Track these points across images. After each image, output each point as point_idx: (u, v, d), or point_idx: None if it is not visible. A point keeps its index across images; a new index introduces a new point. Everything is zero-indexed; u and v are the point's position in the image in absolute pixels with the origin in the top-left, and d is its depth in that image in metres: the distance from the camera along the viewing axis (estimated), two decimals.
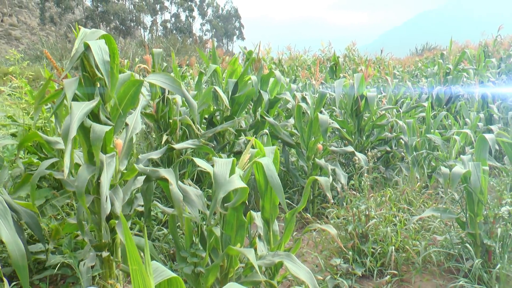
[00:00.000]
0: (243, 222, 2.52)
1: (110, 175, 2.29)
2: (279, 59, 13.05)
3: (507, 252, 3.32)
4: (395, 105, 6.28)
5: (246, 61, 5.70)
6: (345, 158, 5.34)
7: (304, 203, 2.80)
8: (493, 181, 4.75)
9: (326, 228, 2.67)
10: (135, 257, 1.15)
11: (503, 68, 10.43)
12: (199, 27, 73.03)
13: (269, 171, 2.41)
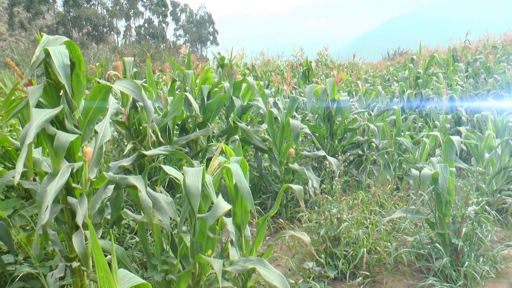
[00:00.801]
0: (214, 229, 2.52)
1: (60, 185, 2.21)
2: (252, 64, 13.09)
3: (474, 250, 3.41)
4: (367, 109, 6.37)
5: (219, 67, 5.71)
6: (318, 162, 5.39)
7: (276, 209, 2.82)
8: (460, 182, 4.87)
9: (299, 236, 2.69)
10: (102, 264, 1.15)
11: (471, 72, 10.70)
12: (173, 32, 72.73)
13: (237, 177, 2.41)
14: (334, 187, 3.78)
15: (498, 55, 12.47)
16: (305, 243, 2.65)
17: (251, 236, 2.90)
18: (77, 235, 2.42)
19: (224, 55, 6.20)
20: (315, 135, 5.39)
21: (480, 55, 12.42)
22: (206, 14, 75.97)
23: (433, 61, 9.37)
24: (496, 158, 4.72)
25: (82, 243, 2.38)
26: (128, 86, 2.56)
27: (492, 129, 5.12)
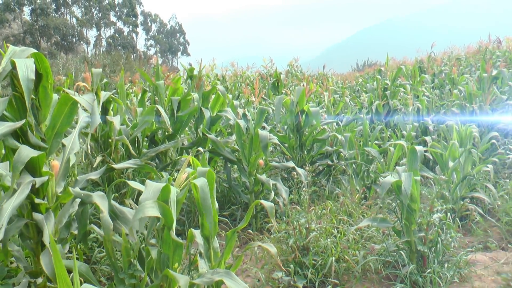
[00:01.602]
0: (180, 243, 2.52)
1: (18, 202, 2.14)
2: (223, 75, 13.13)
3: (439, 256, 3.51)
4: (335, 120, 6.48)
5: (188, 78, 5.72)
6: (287, 173, 5.44)
7: (246, 223, 2.83)
8: (425, 190, 5.00)
9: (266, 247, 2.71)
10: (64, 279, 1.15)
11: (436, 83, 11.01)
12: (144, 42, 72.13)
13: (203, 193, 2.43)
14: (302, 197, 3.83)
15: (461, 67, 12.88)
16: (273, 256, 2.68)
17: (220, 248, 2.91)
18: (45, 255, 2.38)
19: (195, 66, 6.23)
20: (284, 145, 5.45)
21: (445, 67, 12.80)
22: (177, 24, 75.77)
23: (400, 73, 9.60)
24: (460, 167, 4.86)
25: (51, 263, 2.34)
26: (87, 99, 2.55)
27: (456, 139, 5.27)
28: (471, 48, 16.09)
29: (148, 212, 2.16)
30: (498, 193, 5.01)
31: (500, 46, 14.49)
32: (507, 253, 4.09)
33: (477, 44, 15.40)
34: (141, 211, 2.16)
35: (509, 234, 4.49)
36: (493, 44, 14.49)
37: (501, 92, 8.34)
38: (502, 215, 4.67)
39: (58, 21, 51.86)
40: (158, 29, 72.79)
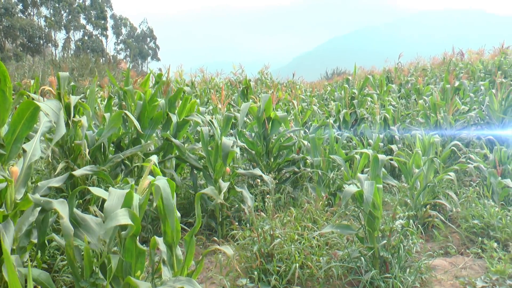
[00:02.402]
0: (143, 250, 2.50)
1: None
2: (192, 81, 13.09)
3: (401, 262, 3.59)
4: (302, 127, 6.54)
5: (156, 84, 5.69)
6: (253, 180, 5.47)
7: (199, 222, 2.84)
8: (388, 197, 5.12)
9: (223, 249, 2.73)
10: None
11: (403, 93, 11.26)
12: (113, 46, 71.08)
13: (165, 194, 2.42)
14: (267, 204, 3.86)
15: (427, 77, 13.22)
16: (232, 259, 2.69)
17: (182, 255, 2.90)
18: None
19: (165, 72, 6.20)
20: (251, 152, 5.47)
21: (411, 77, 13.11)
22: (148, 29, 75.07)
23: (367, 82, 9.78)
24: (423, 175, 4.98)
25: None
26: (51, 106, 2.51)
27: (420, 148, 5.40)
28: (436, 59, 16.55)
29: (121, 221, 2.15)
30: (459, 200, 5.16)
31: (463, 58, 14.95)
32: (466, 258, 4.22)
33: (442, 55, 15.84)
34: (114, 219, 2.14)
35: (468, 240, 4.62)
36: (456, 56, 14.94)
37: (463, 103, 8.61)
38: (462, 221, 4.81)
39: (24, 22, 50.59)
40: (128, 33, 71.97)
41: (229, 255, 2.75)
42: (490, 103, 7.26)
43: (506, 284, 3.55)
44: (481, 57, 14.52)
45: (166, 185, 2.47)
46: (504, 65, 12.35)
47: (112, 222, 2.13)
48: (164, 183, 2.47)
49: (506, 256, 3.84)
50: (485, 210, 4.75)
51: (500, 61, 12.66)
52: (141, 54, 71.95)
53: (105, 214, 2.21)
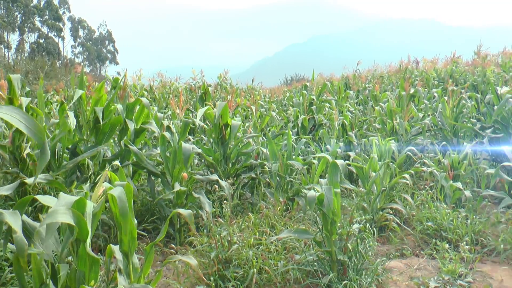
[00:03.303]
0: (96, 258, 2.44)
1: None
2: (150, 86, 12.93)
3: (358, 265, 3.65)
4: (259, 133, 6.57)
5: (112, 88, 5.58)
6: (212, 185, 5.44)
7: (163, 234, 2.80)
8: (345, 202, 5.20)
9: (186, 260, 2.70)
10: None
11: (360, 99, 11.49)
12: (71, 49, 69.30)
13: (121, 202, 2.37)
14: (225, 210, 3.84)
15: (384, 84, 13.54)
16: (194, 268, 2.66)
17: (141, 263, 2.85)
18: None
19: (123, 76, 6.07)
20: (209, 158, 5.45)
21: (369, 84, 13.40)
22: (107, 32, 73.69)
23: (325, 88, 9.92)
24: (379, 179, 5.08)
25: None
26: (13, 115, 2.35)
27: (377, 153, 5.51)
28: (393, 67, 17.00)
29: (60, 218, 2.06)
30: (414, 203, 5.29)
31: (418, 66, 15.41)
32: (420, 259, 4.34)
33: (398, 63, 16.28)
34: (52, 216, 2.05)
35: (423, 241, 4.75)
36: (412, 64, 15.38)
37: (418, 110, 8.86)
38: (416, 224, 4.93)
39: None
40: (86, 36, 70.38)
41: (194, 266, 2.72)
42: (443, 110, 7.49)
43: (457, 284, 3.68)
44: (435, 66, 15.00)
45: (122, 193, 2.41)
46: (456, 73, 12.82)
47: (50, 219, 2.04)
48: (120, 191, 2.42)
49: (456, 257, 3.97)
50: (438, 212, 4.89)
51: (452, 69, 13.13)
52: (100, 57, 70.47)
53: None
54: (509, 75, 9.86)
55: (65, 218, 2.08)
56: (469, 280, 3.77)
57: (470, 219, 4.73)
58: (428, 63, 15.47)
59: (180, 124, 4.94)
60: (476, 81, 11.19)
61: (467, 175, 5.99)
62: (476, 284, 3.76)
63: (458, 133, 7.30)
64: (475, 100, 8.15)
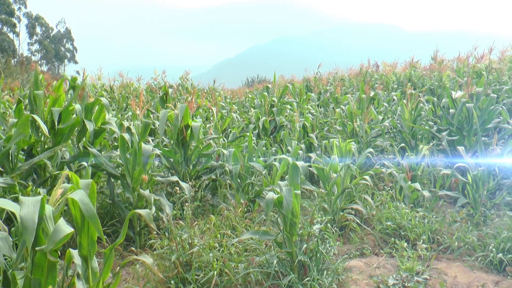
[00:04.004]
0: (54, 262, 2.37)
1: None
2: (110, 86, 12.69)
3: (319, 265, 3.69)
4: (220, 135, 6.55)
5: (71, 88, 5.45)
6: (172, 187, 5.39)
7: (123, 236, 2.75)
8: (306, 203, 5.25)
9: (142, 259, 2.66)
10: None
11: (321, 102, 11.63)
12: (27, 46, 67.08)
13: (84, 205, 2.32)
14: (186, 212, 3.81)
15: (344, 87, 13.75)
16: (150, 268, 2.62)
17: (98, 268, 2.78)
18: None
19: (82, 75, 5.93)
20: (170, 160, 5.39)
21: (330, 86, 13.57)
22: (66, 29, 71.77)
23: (287, 90, 9.98)
24: (340, 180, 5.16)
25: None
26: None
27: (337, 154, 5.58)
28: (353, 70, 17.28)
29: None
30: (374, 203, 5.39)
31: (378, 69, 15.72)
32: (379, 258, 4.43)
33: (358, 66, 16.56)
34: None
35: (382, 240, 4.85)
36: (372, 67, 15.67)
37: (378, 112, 9.03)
38: (376, 223, 5.03)
39: None
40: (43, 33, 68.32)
41: (149, 264, 2.68)
42: (402, 112, 7.67)
43: (414, 280, 3.79)
44: (394, 69, 15.34)
45: (84, 196, 2.35)
46: (414, 77, 13.15)
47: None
48: (81, 194, 2.35)
49: (414, 255, 4.08)
50: (397, 212, 5.00)
51: (410, 73, 13.46)
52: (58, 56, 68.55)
53: (23, 224, 2.07)
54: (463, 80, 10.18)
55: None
56: (425, 277, 3.89)
57: (427, 219, 4.87)
58: (387, 67, 15.80)
59: (140, 125, 4.86)
60: (433, 85, 11.51)
61: (424, 176, 6.16)
62: (432, 281, 3.88)
63: (416, 135, 7.48)
64: (432, 103, 8.38)
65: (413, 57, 14.94)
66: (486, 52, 12.83)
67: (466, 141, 6.48)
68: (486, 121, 6.70)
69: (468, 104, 6.42)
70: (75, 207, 2.56)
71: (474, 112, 6.34)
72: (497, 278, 3.94)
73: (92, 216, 2.32)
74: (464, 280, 3.92)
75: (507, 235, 4.24)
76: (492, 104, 6.86)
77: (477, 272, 4.07)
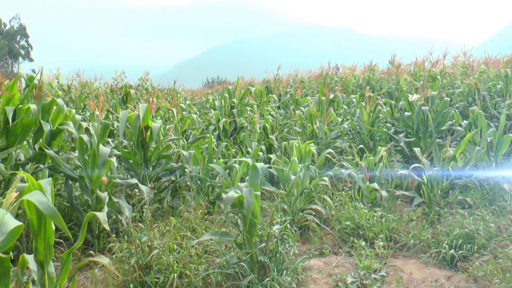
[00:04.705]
0: (7, 268, 2.29)
1: None
2: (68, 85, 12.39)
3: (278, 265, 3.74)
4: (180, 136, 6.51)
5: (27, 87, 5.29)
6: (132, 189, 5.32)
7: (82, 240, 2.70)
8: (265, 204, 5.29)
9: (97, 260, 2.62)
10: None
11: (281, 104, 11.73)
12: None
13: (42, 205, 2.24)
14: (145, 214, 3.78)
15: (304, 89, 13.91)
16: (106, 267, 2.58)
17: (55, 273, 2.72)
18: None
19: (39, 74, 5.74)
20: (129, 161, 5.32)
21: (290, 88, 13.70)
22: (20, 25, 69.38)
23: (248, 92, 10.02)
24: (300, 181, 5.22)
25: None
26: None
27: (297, 156, 5.65)
28: (313, 72, 17.52)
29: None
30: (334, 203, 5.48)
31: (338, 72, 16.00)
32: (338, 257, 4.53)
33: (319, 69, 16.79)
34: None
35: (341, 240, 4.94)
36: (332, 70, 15.93)
37: (337, 114, 9.19)
38: (335, 223, 5.12)
39: None
40: None
41: (105, 264, 2.64)
42: (361, 115, 7.83)
43: (371, 278, 3.90)
44: (353, 72, 15.66)
45: (41, 195, 2.28)
46: (372, 80, 13.47)
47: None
48: (38, 194, 2.27)
49: (372, 253, 4.19)
50: (356, 212, 5.11)
51: (369, 76, 13.78)
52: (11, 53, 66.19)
53: None
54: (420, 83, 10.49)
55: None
56: (382, 274, 4.01)
57: (385, 218, 5.00)
58: (347, 69, 16.11)
59: (99, 126, 4.77)
60: (391, 88, 11.82)
61: (382, 176, 6.31)
62: (389, 278, 4.01)
63: (375, 137, 7.65)
64: (390, 106, 8.60)
65: (371, 61, 15.30)
66: (440, 58, 13.32)
67: (422, 143, 6.68)
68: (440, 124, 6.94)
69: (424, 107, 6.62)
70: (31, 210, 2.49)
71: (429, 114, 6.55)
72: (449, 273, 4.11)
73: (53, 213, 2.25)
74: (419, 276, 4.06)
75: (459, 232, 4.43)
76: (446, 107, 7.10)
77: (431, 268, 4.23)
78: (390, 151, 7.43)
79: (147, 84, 13.49)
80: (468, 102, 9.49)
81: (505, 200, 5.32)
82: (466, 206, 5.34)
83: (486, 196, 5.63)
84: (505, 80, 9.69)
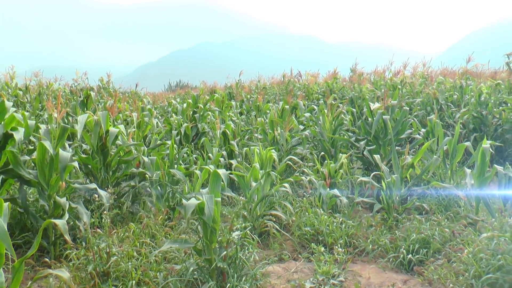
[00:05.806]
0: None
1: None
2: (26, 85, 11.99)
3: (238, 271, 3.75)
4: (140, 141, 6.44)
5: None
6: (90, 195, 5.21)
7: (36, 248, 2.63)
8: (226, 210, 5.29)
9: (58, 273, 2.56)
10: None
11: (243, 109, 11.77)
12: None
13: None
14: (104, 220, 3.71)
15: (266, 95, 13.99)
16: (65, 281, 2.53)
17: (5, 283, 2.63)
18: None
19: None
20: (88, 166, 5.21)
21: (253, 94, 13.77)
22: None
23: (212, 99, 10.03)
24: (260, 187, 5.25)
25: None
26: None
27: (258, 162, 5.68)
28: (275, 79, 17.64)
29: None
30: (294, 210, 5.53)
31: (300, 79, 16.15)
32: (297, 263, 4.58)
33: (281, 75, 16.92)
34: None
35: (301, 246, 4.99)
36: (295, 77, 16.07)
37: (299, 122, 9.28)
38: (295, 229, 5.16)
39: None
40: None
41: (66, 279, 2.57)
42: (323, 122, 7.93)
43: (330, 283, 3.96)
44: (316, 79, 15.83)
45: None
46: (335, 88, 13.67)
47: None
48: None
49: (331, 258, 4.25)
50: (316, 218, 5.17)
51: (332, 84, 13.98)
52: None
53: None
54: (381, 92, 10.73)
55: None
56: (341, 279, 4.08)
57: (344, 224, 5.08)
58: (310, 77, 16.26)
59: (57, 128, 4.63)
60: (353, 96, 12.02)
61: (343, 183, 6.42)
62: (347, 282, 4.08)
63: (336, 144, 7.76)
64: (352, 114, 8.75)
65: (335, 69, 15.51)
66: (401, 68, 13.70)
67: (382, 150, 6.83)
68: (400, 132, 7.12)
69: (384, 116, 6.78)
70: None
71: (389, 123, 6.71)
72: (405, 277, 4.22)
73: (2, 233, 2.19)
74: (377, 281, 4.15)
75: (416, 237, 4.56)
76: (405, 116, 7.31)
77: (389, 273, 4.33)
78: (351, 158, 7.55)
79: (109, 86, 13.24)
80: (427, 111, 9.81)
81: (459, 206, 5.52)
82: (423, 211, 5.51)
83: (442, 202, 5.83)
84: (460, 91, 10.07)
